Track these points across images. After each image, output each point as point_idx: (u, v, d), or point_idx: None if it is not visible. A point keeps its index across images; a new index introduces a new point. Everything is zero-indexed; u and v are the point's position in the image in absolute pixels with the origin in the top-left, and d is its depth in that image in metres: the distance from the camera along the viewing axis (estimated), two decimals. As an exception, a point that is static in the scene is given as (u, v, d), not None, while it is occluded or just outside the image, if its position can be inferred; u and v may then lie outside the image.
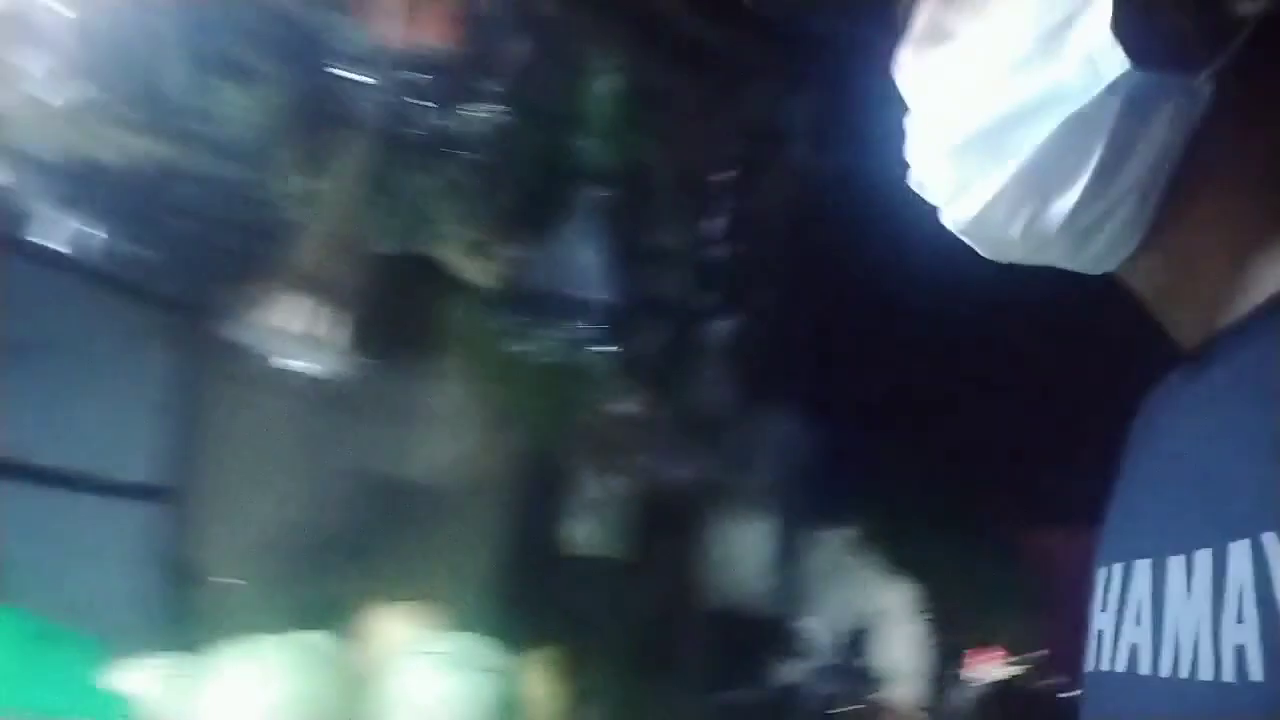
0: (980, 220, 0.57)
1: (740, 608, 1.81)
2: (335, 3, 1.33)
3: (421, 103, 1.31)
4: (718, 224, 1.77)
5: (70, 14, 0.86)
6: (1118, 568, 0.58)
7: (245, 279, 1.17)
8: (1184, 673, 0.49)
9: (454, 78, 1.36)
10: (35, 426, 2.95)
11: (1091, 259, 0.57)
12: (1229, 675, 0.46)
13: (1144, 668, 0.53)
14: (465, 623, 1.43)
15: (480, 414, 1.68)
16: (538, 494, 1.75)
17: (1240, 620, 0.46)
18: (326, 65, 1.22)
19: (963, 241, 0.60)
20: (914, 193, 0.60)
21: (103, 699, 1.26)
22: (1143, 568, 0.55)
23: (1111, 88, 0.51)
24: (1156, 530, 0.55)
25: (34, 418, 2.96)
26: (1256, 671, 0.45)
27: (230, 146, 1.12)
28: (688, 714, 1.74)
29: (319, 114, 1.21)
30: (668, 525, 1.79)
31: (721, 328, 1.73)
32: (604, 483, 1.73)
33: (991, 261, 0.61)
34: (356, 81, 1.19)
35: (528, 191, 1.48)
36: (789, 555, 1.85)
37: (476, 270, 1.47)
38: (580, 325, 1.51)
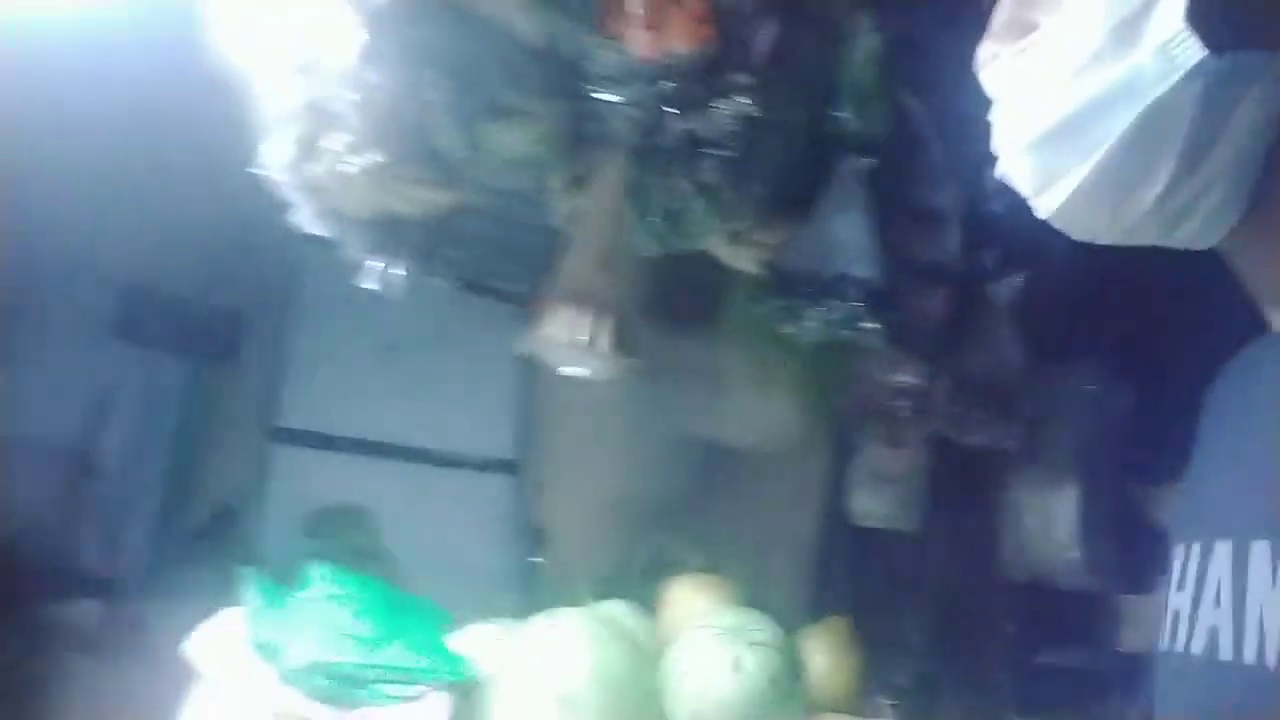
0: (1067, 209, 0.57)
1: (1046, 578, 1.73)
2: (587, 26, 1.43)
3: (673, 109, 1.37)
4: (992, 180, 1.68)
5: (356, 97, 1.02)
6: (1196, 546, 0.56)
7: (529, 294, 1.31)
8: (1271, 661, 0.48)
9: (704, 79, 1.41)
10: (405, 413, 3.43)
11: (1187, 238, 0.56)
12: None
13: (1225, 653, 0.52)
14: (754, 595, 1.51)
15: (763, 396, 1.74)
16: (827, 469, 1.78)
17: None
18: (583, 91, 1.32)
19: None
20: None
21: (449, 659, 1.48)
22: (1224, 549, 0.53)
23: (1189, 75, 0.50)
24: (1239, 511, 0.54)
25: (404, 406, 3.45)
26: None
27: (503, 179, 1.26)
28: (985, 688, 1.71)
29: (579, 136, 1.32)
30: (962, 494, 1.75)
31: (1005, 287, 1.65)
32: (893, 454, 1.72)
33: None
34: (612, 101, 1.27)
35: (786, 175, 1.50)
36: (1098, 521, 1.73)
37: (743, 258, 1.53)
38: (852, 299, 1.51)
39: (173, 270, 2.86)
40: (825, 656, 1.54)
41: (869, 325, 1.44)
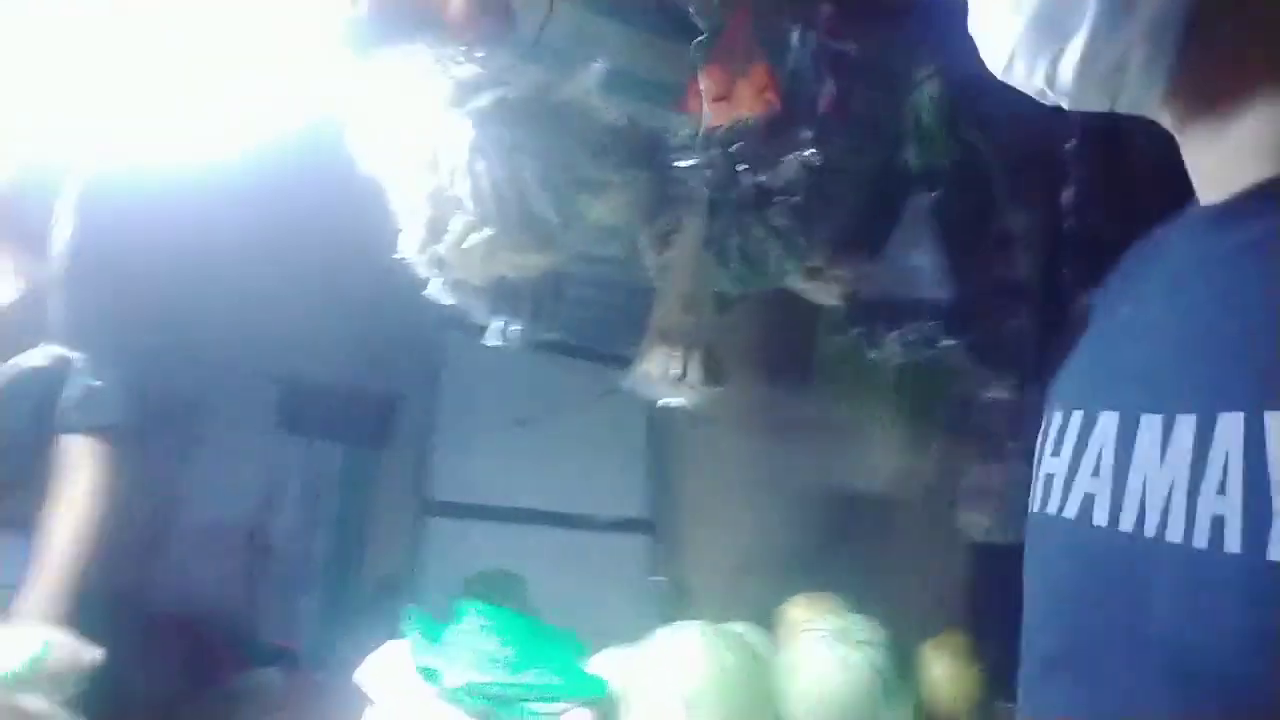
0: (1011, 69, 0.58)
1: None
2: (664, 104, 1.62)
3: (744, 166, 1.54)
4: (1066, 197, 1.77)
5: (468, 184, 1.23)
6: (1078, 414, 0.57)
7: (629, 340, 1.48)
8: (1149, 532, 0.49)
9: (771, 138, 1.58)
10: (546, 480, 3.63)
11: (1126, 103, 0.56)
12: (1200, 542, 0.46)
13: (1100, 519, 0.53)
14: (865, 608, 1.60)
15: (859, 420, 1.84)
16: (928, 487, 1.86)
17: (1222, 492, 0.46)
18: (663, 160, 1.51)
19: None
20: None
21: (586, 679, 1.62)
22: (1109, 419, 0.54)
23: None
24: (1133, 384, 0.54)
25: (544, 473, 3.66)
26: (1234, 544, 0.44)
27: (598, 244, 1.45)
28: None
29: (663, 198, 1.50)
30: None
31: (1083, 301, 1.72)
32: (990, 469, 1.79)
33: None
34: (689, 165, 1.45)
35: (856, 213, 1.64)
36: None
37: (823, 293, 1.66)
38: (927, 320, 1.62)
39: (328, 363, 3.18)
40: (944, 667, 1.61)
41: (947, 343, 1.55)
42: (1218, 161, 0.55)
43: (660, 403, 1.40)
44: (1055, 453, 0.59)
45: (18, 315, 1.74)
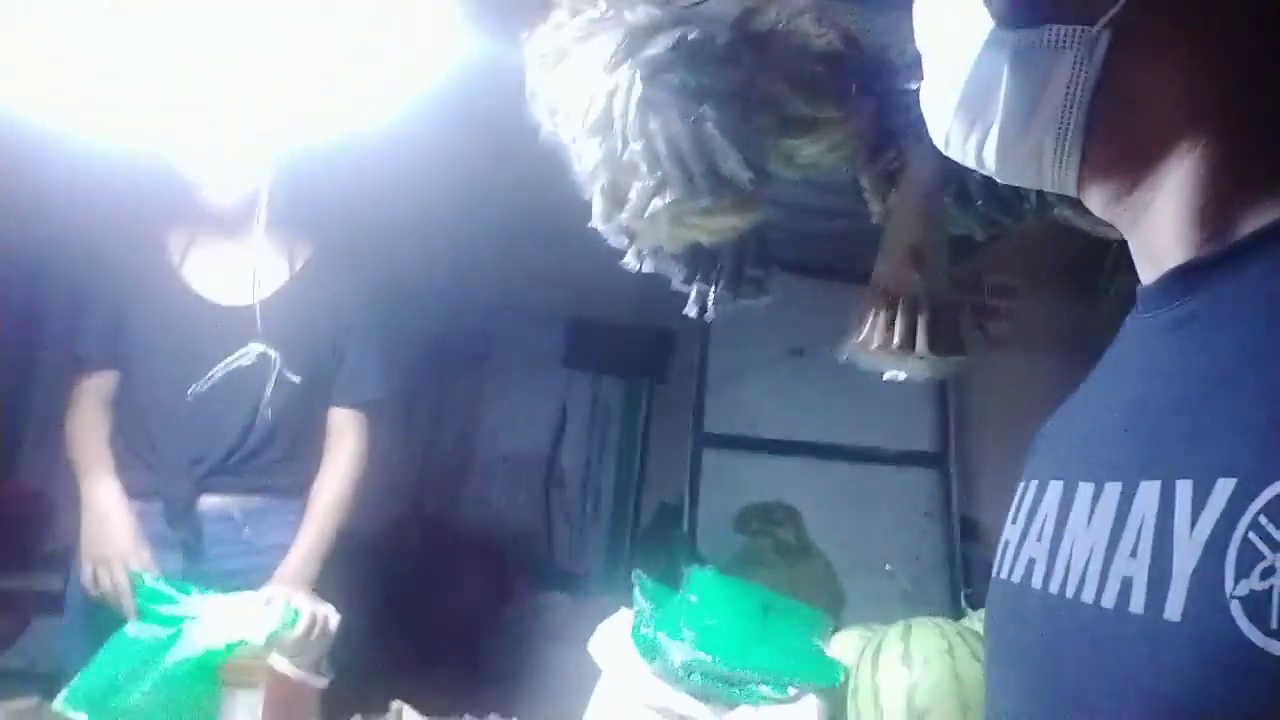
0: (948, 145, 0.63)
1: None
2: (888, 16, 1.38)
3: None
4: None
5: (639, 146, 1.10)
6: (1034, 484, 0.61)
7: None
8: (1070, 593, 0.53)
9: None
10: (823, 413, 3.50)
11: (1050, 186, 0.60)
12: (1108, 602, 0.49)
13: (1036, 582, 0.56)
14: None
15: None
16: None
17: (1134, 555, 0.48)
18: (889, 85, 1.29)
19: None
20: None
21: (820, 662, 1.50)
22: (1055, 488, 0.58)
23: (992, 43, 0.58)
24: (1076, 454, 0.58)
25: (821, 406, 3.52)
26: (1138, 604, 0.47)
27: (810, 190, 1.27)
28: None
29: (886, 132, 1.28)
30: None
31: None
32: None
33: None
34: (907, 91, 1.23)
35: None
36: None
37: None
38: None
39: (611, 302, 3.23)
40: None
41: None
42: (1140, 245, 0.59)
43: (885, 376, 1.21)
44: (1014, 520, 0.62)
45: (286, 297, 1.87)
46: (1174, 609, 0.45)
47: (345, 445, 1.92)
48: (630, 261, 1.27)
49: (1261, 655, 0.41)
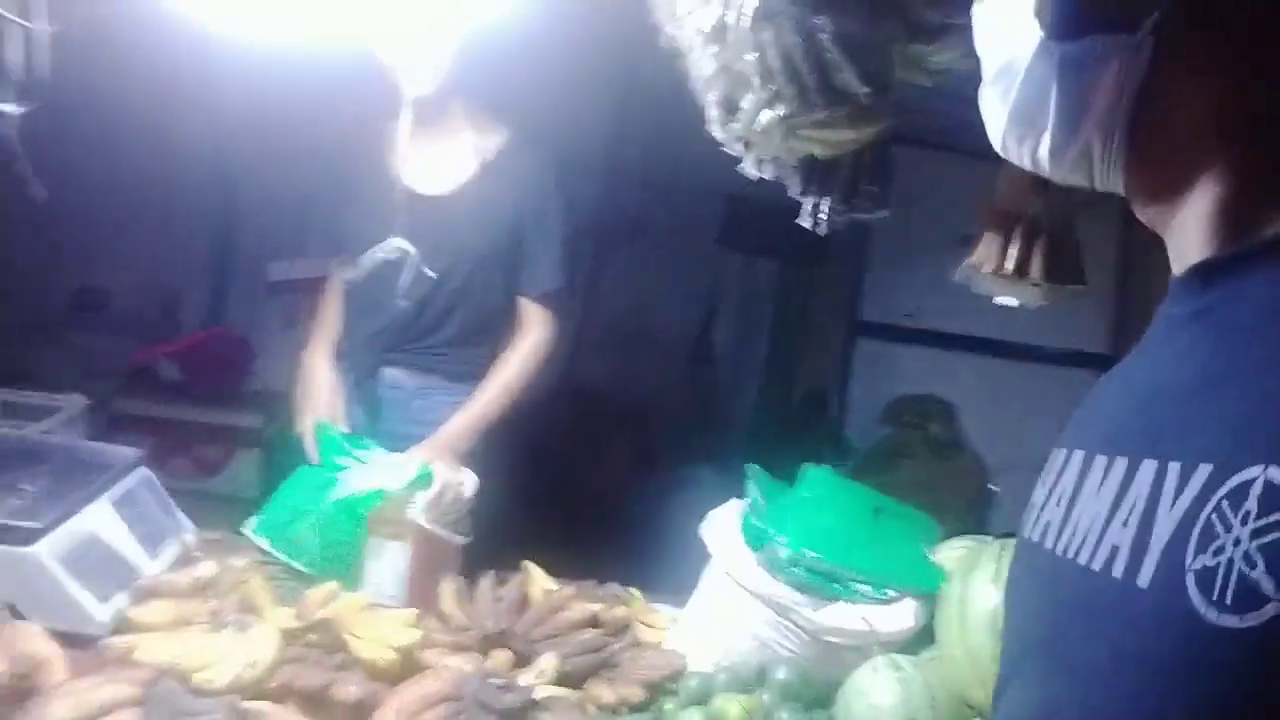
0: (1005, 149, 0.68)
1: None
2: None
3: None
4: None
5: (752, 57, 1.09)
6: (1062, 453, 0.66)
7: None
8: (1071, 554, 0.58)
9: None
10: (985, 307, 3.40)
11: (1100, 185, 0.65)
12: (1098, 565, 0.55)
13: (1049, 543, 0.62)
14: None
15: None
16: None
17: (1125, 525, 0.54)
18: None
19: None
20: None
21: (922, 568, 1.52)
22: (1077, 458, 0.63)
23: (1041, 54, 0.63)
24: (1099, 428, 0.63)
25: (983, 300, 3.42)
26: (1119, 570, 0.53)
27: (939, 102, 1.22)
28: None
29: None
30: None
31: None
32: None
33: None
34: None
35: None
36: None
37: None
38: None
39: (767, 182, 3.19)
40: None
41: None
42: (1172, 243, 0.63)
43: (997, 301, 1.18)
44: (1042, 484, 0.67)
45: (477, 186, 1.98)
46: (1145, 577, 0.51)
47: (528, 336, 2.04)
48: (748, 169, 1.27)
49: (1203, 624, 0.47)
